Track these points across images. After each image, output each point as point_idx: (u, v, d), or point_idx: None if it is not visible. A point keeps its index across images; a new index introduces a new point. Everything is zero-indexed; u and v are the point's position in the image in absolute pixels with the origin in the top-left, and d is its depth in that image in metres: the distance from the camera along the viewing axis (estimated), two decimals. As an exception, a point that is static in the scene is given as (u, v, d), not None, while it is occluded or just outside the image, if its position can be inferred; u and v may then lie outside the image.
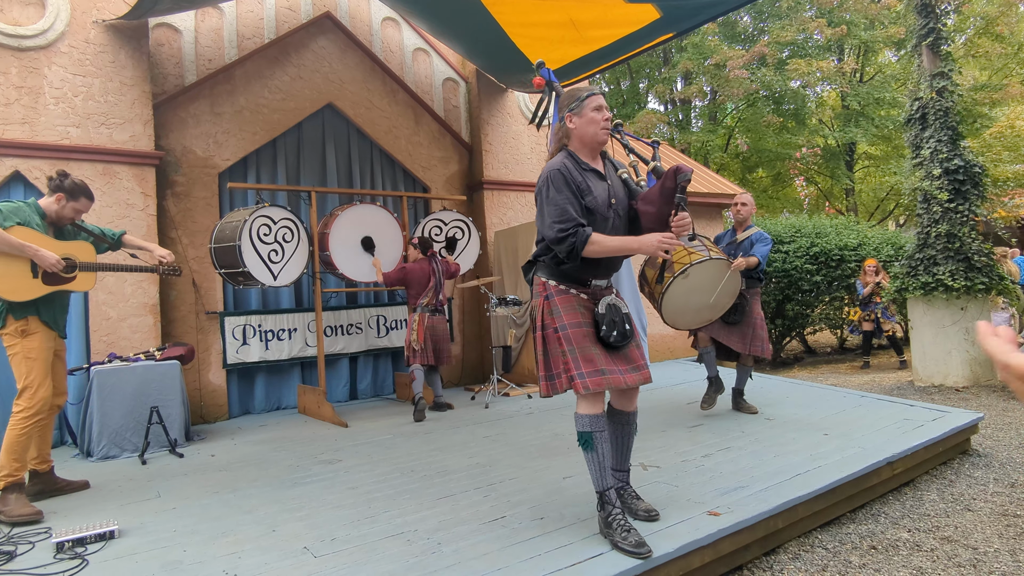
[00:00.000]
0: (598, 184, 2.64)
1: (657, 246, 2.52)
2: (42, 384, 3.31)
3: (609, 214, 2.64)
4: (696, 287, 4.21)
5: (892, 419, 4.43)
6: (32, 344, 3.32)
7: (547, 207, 2.56)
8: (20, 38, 4.95)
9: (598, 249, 2.53)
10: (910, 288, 7.02)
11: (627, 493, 2.87)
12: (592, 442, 2.57)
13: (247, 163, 6.28)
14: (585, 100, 2.60)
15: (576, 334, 2.58)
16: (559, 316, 2.61)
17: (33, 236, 3.34)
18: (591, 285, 2.71)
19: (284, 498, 3.38)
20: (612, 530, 2.53)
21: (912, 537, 3.08)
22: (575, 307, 2.63)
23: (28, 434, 3.27)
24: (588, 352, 2.56)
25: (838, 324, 10.56)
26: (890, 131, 16.82)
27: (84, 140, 5.14)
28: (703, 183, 9.36)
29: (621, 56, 5.88)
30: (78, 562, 2.62)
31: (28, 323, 3.32)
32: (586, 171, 2.63)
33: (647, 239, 2.55)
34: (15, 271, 3.25)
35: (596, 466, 2.59)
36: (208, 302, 5.86)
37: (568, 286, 2.67)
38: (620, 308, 2.67)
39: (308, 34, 6.56)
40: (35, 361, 3.31)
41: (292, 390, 6.32)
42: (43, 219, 3.44)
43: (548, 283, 2.68)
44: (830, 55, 17.22)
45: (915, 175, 7.30)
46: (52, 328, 3.41)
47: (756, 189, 18.89)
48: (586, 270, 2.65)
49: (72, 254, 3.48)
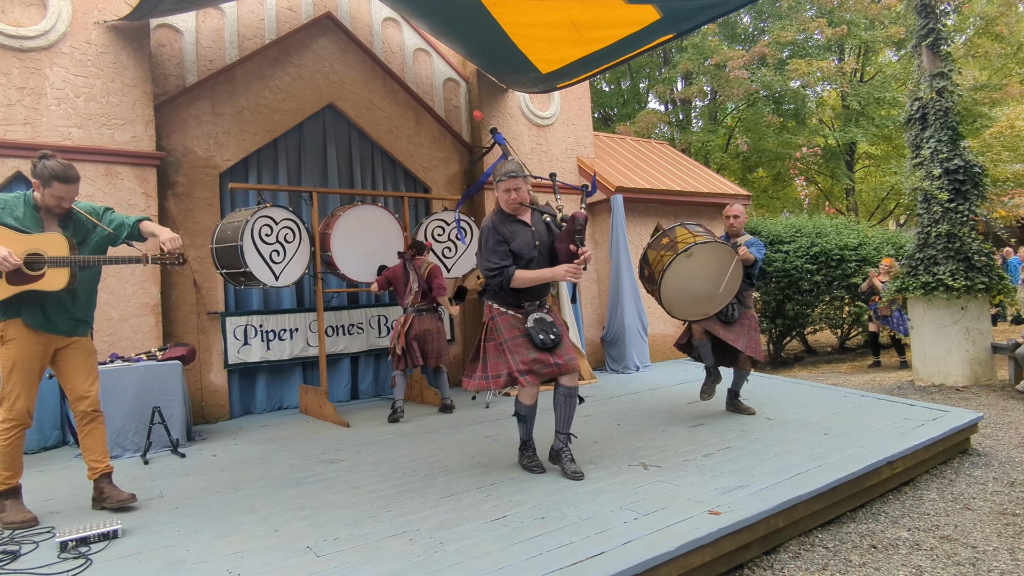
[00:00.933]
0: (522, 232, 3.49)
1: (563, 275, 3.32)
2: (20, 395, 3.08)
3: (533, 253, 3.47)
4: (697, 272, 4.28)
5: (892, 419, 4.44)
6: (9, 352, 3.07)
7: (482, 254, 3.48)
8: (22, 39, 4.97)
9: (520, 281, 3.40)
10: (910, 288, 7.03)
11: (564, 455, 3.56)
12: (524, 419, 3.63)
13: (248, 163, 6.29)
14: (501, 182, 3.47)
15: (516, 344, 3.43)
16: (502, 332, 3.48)
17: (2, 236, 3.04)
18: (524, 307, 3.54)
19: (286, 498, 3.39)
20: (521, 457, 3.70)
21: (912, 536, 3.09)
22: (513, 324, 3.50)
23: (11, 444, 3.11)
24: (526, 356, 3.40)
25: (838, 324, 10.57)
26: (890, 131, 16.83)
27: (86, 141, 5.15)
28: (703, 183, 9.36)
29: (622, 57, 5.89)
30: (82, 562, 2.64)
31: (5, 328, 3.08)
32: (512, 222, 3.50)
33: (557, 269, 3.38)
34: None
35: (523, 429, 3.68)
36: (209, 302, 5.87)
37: (507, 308, 3.53)
38: (546, 319, 3.49)
39: (309, 34, 6.57)
40: (11, 370, 3.07)
41: (294, 390, 6.33)
42: (37, 210, 3.15)
43: (493, 306, 3.57)
44: (830, 55, 17.23)
45: (915, 175, 7.31)
46: (42, 331, 3.14)
47: (756, 189, 18.90)
48: (519, 297, 3.52)
49: (39, 248, 3.08)
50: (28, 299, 3.07)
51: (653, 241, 4.51)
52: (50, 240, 3.12)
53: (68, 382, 3.29)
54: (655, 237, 4.54)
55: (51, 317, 3.16)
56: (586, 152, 8.38)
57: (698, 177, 9.63)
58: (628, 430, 4.55)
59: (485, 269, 3.45)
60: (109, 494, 3.31)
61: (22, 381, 3.09)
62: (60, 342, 3.23)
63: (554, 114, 8.10)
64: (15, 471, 3.16)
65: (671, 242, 4.34)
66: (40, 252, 3.08)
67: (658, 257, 4.35)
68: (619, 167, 8.69)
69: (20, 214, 3.11)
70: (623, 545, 2.55)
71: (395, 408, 5.39)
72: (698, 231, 4.38)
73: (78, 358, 3.29)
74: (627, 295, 7.58)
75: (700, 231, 4.39)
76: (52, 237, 3.13)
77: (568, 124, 8.27)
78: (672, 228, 4.49)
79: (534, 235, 3.52)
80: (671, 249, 4.27)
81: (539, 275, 3.42)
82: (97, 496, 3.35)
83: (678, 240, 4.31)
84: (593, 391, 6.25)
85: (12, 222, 3.08)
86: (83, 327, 3.33)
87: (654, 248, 4.45)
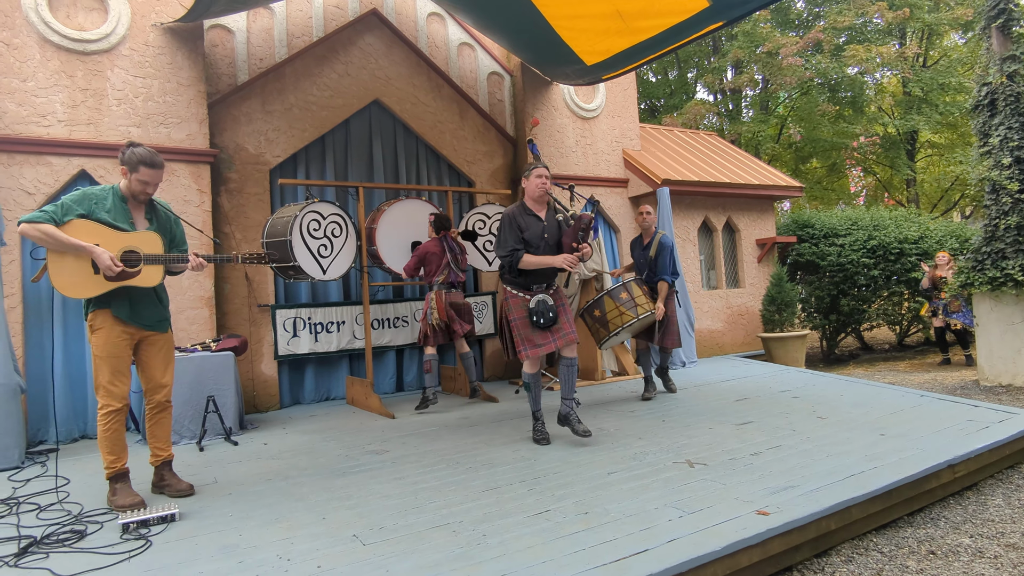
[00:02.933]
0: (535, 224, 4.13)
1: (561, 262, 3.97)
2: (112, 381, 3.19)
3: (540, 243, 4.10)
4: (628, 332, 5.65)
5: (954, 420, 4.24)
6: (98, 340, 3.20)
7: (499, 239, 4.14)
8: (85, 42, 5.20)
9: (526, 264, 4.04)
10: (976, 283, 6.69)
11: (571, 418, 4.10)
12: (530, 386, 4.23)
13: (297, 159, 6.44)
14: (532, 170, 4.15)
15: (522, 324, 4.08)
16: (512, 311, 4.13)
17: (93, 229, 3.14)
18: (532, 289, 4.13)
19: (333, 486, 3.47)
20: (533, 431, 4.23)
21: (974, 543, 2.94)
22: (521, 306, 4.11)
23: (111, 428, 3.21)
24: (529, 334, 4.05)
25: (897, 320, 10.14)
26: (956, 118, 15.99)
27: (144, 139, 5.35)
28: (753, 175, 9.11)
29: (669, 46, 5.76)
30: (142, 543, 2.75)
31: (95, 317, 3.21)
32: (529, 215, 4.14)
33: (556, 257, 4.03)
34: (76, 267, 3.11)
35: (532, 398, 4.26)
36: (260, 295, 6.04)
37: (518, 291, 4.15)
38: (547, 301, 4.04)
39: (355, 31, 6.66)
40: (99, 359, 3.20)
41: (340, 381, 6.47)
42: (124, 202, 3.26)
43: (507, 289, 4.20)
44: (891, 39, 16.47)
45: (983, 164, 6.93)
46: (128, 323, 3.25)
47: (809, 180, 18.27)
48: (527, 280, 4.14)
49: (136, 246, 3.23)
50: (119, 292, 3.21)
51: (612, 291, 5.44)
52: (146, 238, 3.28)
53: (146, 372, 3.42)
54: (614, 288, 5.48)
55: (138, 310, 3.29)
56: (632, 144, 8.26)
57: (748, 169, 9.37)
58: (673, 427, 4.48)
59: (502, 249, 4.08)
60: (170, 482, 3.46)
61: (112, 368, 3.21)
62: (143, 334, 3.35)
63: (599, 106, 8.01)
64: (119, 455, 3.26)
65: (629, 300, 5.36)
66: (136, 249, 3.23)
67: (617, 312, 5.35)
68: (665, 159, 8.53)
69: (109, 206, 3.22)
70: (668, 543, 2.50)
71: (427, 396, 5.43)
72: (624, 304, 5.34)
73: (159, 351, 3.42)
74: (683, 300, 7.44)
75: (626, 303, 5.34)
76: (148, 236, 3.29)
77: (613, 116, 8.16)
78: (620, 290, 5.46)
79: (544, 228, 4.15)
80: (604, 328, 5.44)
81: (541, 260, 4.05)
82: (157, 482, 3.49)
83: (637, 303, 5.33)
84: (638, 387, 6.17)
85: (105, 217, 3.20)
86: (165, 323, 3.46)
87: (613, 298, 5.39)
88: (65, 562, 2.59)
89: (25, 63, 4.98)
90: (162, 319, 3.42)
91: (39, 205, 4.93)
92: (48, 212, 3.10)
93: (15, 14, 4.97)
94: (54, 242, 3.06)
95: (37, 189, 4.95)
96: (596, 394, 5.90)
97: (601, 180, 7.89)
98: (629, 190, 8.10)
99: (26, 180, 4.92)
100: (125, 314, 3.24)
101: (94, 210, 3.18)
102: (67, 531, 2.91)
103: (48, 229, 3.05)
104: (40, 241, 3.07)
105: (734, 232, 8.94)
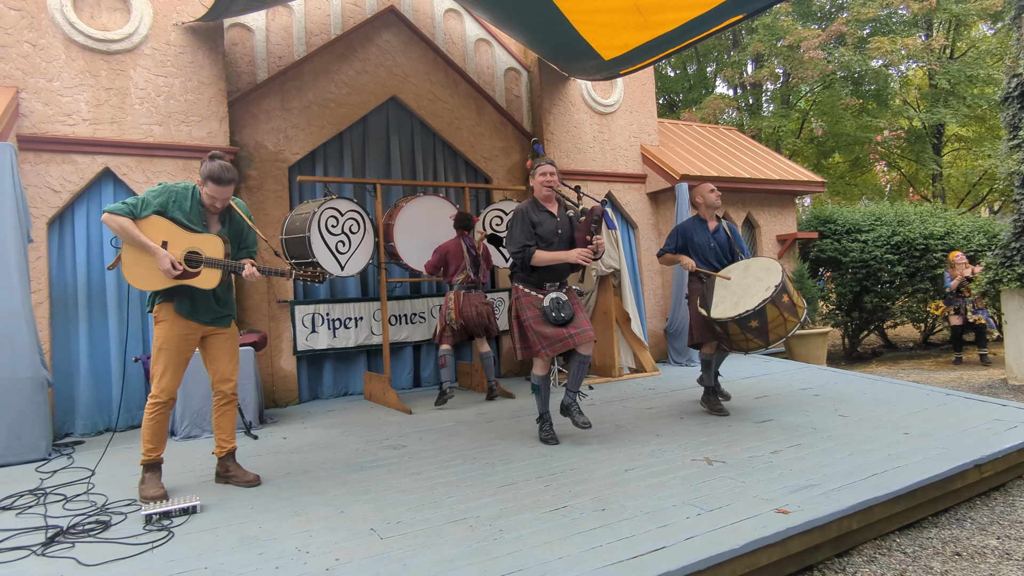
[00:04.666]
0: (548, 220, 4.05)
1: (576, 257, 3.89)
2: (166, 373, 3.29)
3: (554, 239, 4.01)
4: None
5: (981, 419, 4.15)
6: (160, 332, 3.31)
7: (511, 235, 4.03)
8: (108, 42, 5.27)
9: (539, 260, 3.94)
10: (1004, 280, 6.54)
11: (572, 409, 4.08)
12: (538, 389, 4.13)
13: (315, 156, 6.48)
14: (537, 168, 4.10)
15: (536, 322, 3.95)
16: (525, 311, 4.00)
17: (165, 227, 3.25)
18: (545, 288, 4.03)
19: (351, 481, 3.49)
20: (540, 431, 4.14)
21: (1001, 545, 2.88)
22: (534, 304, 4.00)
23: (155, 419, 3.30)
24: (544, 331, 3.92)
25: (921, 318, 9.96)
26: (984, 111, 15.62)
27: (166, 137, 5.43)
28: (773, 170, 8.98)
29: (688, 40, 5.69)
30: (165, 534, 2.80)
31: (159, 310, 3.33)
32: (541, 211, 4.06)
33: (570, 252, 3.94)
34: (145, 261, 3.22)
35: (540, 401, 4.17)
36: (279, 291, 6.10)
37: (531, 290, 4.04)
38: (561, 298, 3.96)
39: (373, 28, 6.69)
40: (161, 350, 3.30)
41: (358, 377, 6.51)
42: (201, 205, 3.37)
43: (519, 287, 4.07)
44: (917, 31, 16.13)
45: (1012, 158, 6.76)
46: (188, 318, 3.35)
47: (832, 175, 17.99)
48: (540, 277, 4.03)
49: (200, 248, 3.33)
50: (181, 289, 3.33)
51: (776, 297, 4.21)
52: (209, 241, 3.37)
53: (212, 364, 3.52)
54: (777, 294, 4.22)
55: (198, 308, 3.39)
56: (650, 140, 8.19)
57: (768, 163, 9.25)
58: (692, 424, 4.44)
59: (513, 246, 3.98)
60: (235, 473, 3.54)
61: (169, 361, 3.31)
62: (206, 330, 3.45)
63: (617, 101, 7.95)
64: (157, 445, 3.35)
65: (790, 303, 4.29)
66: (199, 251, 3.33)
67: (781, 320, 4.25)
68: (684, 154, 8.44)
69: (187, 207, 3.33)
70: (685, 540, 2.48)
71: (443, 391, 5.43)
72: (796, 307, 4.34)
73: (224, 344, 3.53)
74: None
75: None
76: (211, 239, 3.38)
77: (631, 111, 8.10)
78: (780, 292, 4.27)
79: (558, 224, 4.06)
80: (793, 313, 4.29)
81: (555, 256, 3.95)
82: (222, 472, 3.57)
83: (796, 305, 4.34)
84: (656, 384, 6.13)
85: (179, 216, 3.31)
86: (226, 319, 3.54)
87: (777, 305, 4.22)
88: (90, 551, 2.64)
89: (51, 63, 5.07)
90: (222, 316, 3.51)
91: (65, 203, 5.03)
92: (129, 205, 3.21)
93: (41, 15, 5.06)
94: (127, 236, 3.19)
95: (63, 187, 5.04)
96: (614, 390, 5.87)
97: (619, 176, 7.84)
98: (647, 186, 8.03)
99: (52, 178, 5.01)
100: (186, 310, 3.35)
101: (170, 207, 3.29)
102: (92, 521, 2.97)
103: (124, 223, 3.17)
104: (116, 232, 3.20)
105: (754, 228, 8.83)
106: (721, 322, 4.35)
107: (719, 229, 4.91)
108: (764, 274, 4.45)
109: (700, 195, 4.93)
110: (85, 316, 5.09)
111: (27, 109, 4.95)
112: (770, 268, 4.47)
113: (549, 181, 4.07)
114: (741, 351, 4.56)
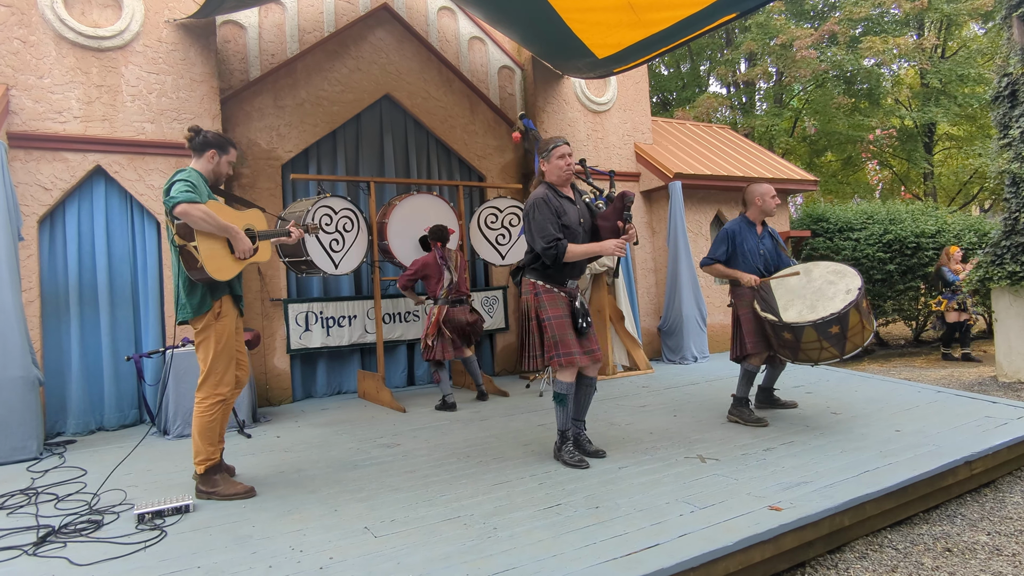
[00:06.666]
0: (570, 207, 3.54)
1: (613, 248, 3.42)
2: (228, 369, 3.16)
3: (579, 229, 3.54)
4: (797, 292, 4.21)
5: (972, 416, 4.18)
6: (223, 326, 3.12)
7: (534, 226, 3.44)
8: (100, 39, 5.23)
9: (571, 255, 3.41)
10: (995, 278, 6.59)
11: (583, 437, 3.70)
12: (565, 400, 3.53)
13: (308, 154, 6.46)
14: (552, 150, 3.53)
15: (559, 323, 3.46)
16: (546, 309, 3.49)
17: (219, 209, 3.04)
18: (568, 285, 3.57)
19: (345, 479, 3.49)
20: (561, 453, 3.55)
21: (992, 540, 2.91)
22: (558, 303, 3.51)
23: (216, 418, 3.18)
24: (566, 337, 3.45)
25: (913, 315, 10.02)
26: (975, 110, 15.73)
27: (158, 135, 5.40)
28: (766, 168, 9.01)
29: (681, 39, 5.70)
30: (157, 533, 2.79)
31: (223, 303, 3.12)
32: (561, 198, 3.53)
33: (606, 243, 3.45)
34: (219, 249, 2.98)
35: (564, 414, 3.56)
36: (272, 290, 6.08)
37: (552, 286, 3.53)
38: (585, 304, 3.59)
39: (366, 26, 6.66)
40: (224, 345, 3.12)
41: (352, 375, 6.50)
42: (207, 184, 3.16)
43: (537, 283, 3.54)
44: (908, 30, 16.22)
45: (1003, 156, 6.81)
46: (238, 306, 3.24)
47: (824, 174, 18.07)
48: (564, 272, 3.54)
49: (250, 224, 3.17)
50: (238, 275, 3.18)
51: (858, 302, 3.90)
52: (253, 215, 3.24)
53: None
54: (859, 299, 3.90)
55: (239, 293, 3.27)
56: (643, 138, 8.21)
57: (762, 162, 9.28)
58: (685, 422, 4.46)
59: (542, 239, 3.37)
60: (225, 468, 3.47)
61: (230, 357, 3.19)
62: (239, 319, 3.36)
63: (611, 100, 7.96)
64: (217, 445, 3.25)
65: (867, 310, 4.01)
66: (252, 226, 3.19)
67: (860, 327, 3.92)
68: (678, 153, 8.46)
69: (206, 188, 3.14)
70: (679, 538, 2.49)
71: (446, 402, 5.35)
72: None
73: (239, 331, 3.38)
74: (685, 284, 7.40)
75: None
76: (255, 213, 3.25)
77: (625, 110, 8.11)
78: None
79: (579, 212, 3.60)
80: (870, 321, 4.02)
81: (588, 249, 3.46)
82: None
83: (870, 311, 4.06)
84: (649, 382, 6.15)
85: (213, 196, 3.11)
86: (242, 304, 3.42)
87: (859, 311, 3.93)
88: (82, 551, 2.63)
89: (41, 60, 5.02)
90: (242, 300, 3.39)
91: (56, 201, 4.99)
92: (192, 192, 2.90)
93: (31, 12, 5.01)
94: (209, 223, 2.92)
95: (54, 184, 5.01)
96: (607, 389, 5.88)
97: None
98: (641, 184, 8.05)
99: (43, 176, 4.97)
100: (236, 297, 3.23)
101: (204, 192, 3.06)
102: (84, 521, 2.96)
103: (206, 209, 2.90)
104: (200, 222, 2.89)
105: (747, 226, 8.85)
106: (796, 327, 3.86)
107: (766, 234, 4.50)
108: (836, 277, 4.08)
109: (759, 197, 4.41)
110: (76, 315, 5.06)
111: (17, 106, 4.91)
112: (841, 272, 4.12)
113: (570, 164, 3.54)
114: (809, 362, 4.06)
